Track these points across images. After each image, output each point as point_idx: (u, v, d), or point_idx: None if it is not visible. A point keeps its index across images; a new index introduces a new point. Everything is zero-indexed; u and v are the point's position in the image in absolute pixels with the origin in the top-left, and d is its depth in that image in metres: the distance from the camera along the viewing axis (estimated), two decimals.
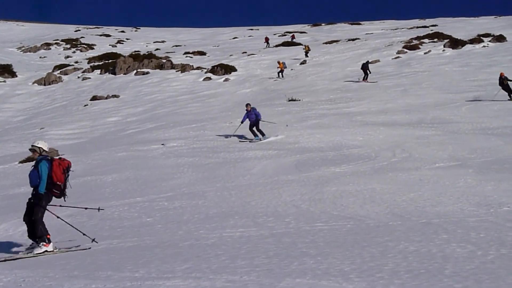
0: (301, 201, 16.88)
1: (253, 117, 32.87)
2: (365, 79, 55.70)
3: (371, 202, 16.07)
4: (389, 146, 26.98)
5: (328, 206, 15.92)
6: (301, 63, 74.36)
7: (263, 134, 32.33)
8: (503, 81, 40.10)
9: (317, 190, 18.39)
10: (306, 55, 77.71)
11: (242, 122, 33.30)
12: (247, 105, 34.03)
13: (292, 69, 70.53)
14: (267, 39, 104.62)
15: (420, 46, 75.67)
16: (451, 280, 8.69)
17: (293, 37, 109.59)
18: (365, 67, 56.61)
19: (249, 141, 31.84)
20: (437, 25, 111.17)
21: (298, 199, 17.21)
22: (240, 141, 32.29)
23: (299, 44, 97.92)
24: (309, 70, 68.85)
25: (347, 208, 15.42)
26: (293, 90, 54.03)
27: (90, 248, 13.38)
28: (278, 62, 67.36)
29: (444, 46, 72.46)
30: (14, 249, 14.12)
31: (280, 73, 65.74)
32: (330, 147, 28.07)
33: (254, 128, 32.65)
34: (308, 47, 79.41)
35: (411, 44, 77.55)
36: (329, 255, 10.47)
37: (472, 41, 72.96)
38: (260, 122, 33.01)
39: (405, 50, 73.63)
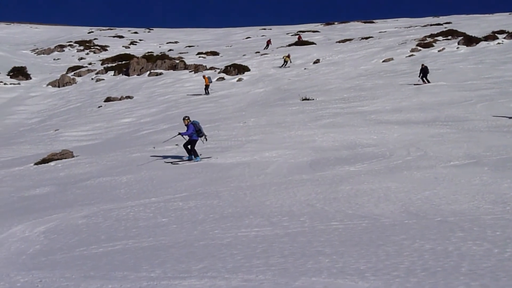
0: (315, 200, 16.85)
1: (187, 134, 28.72)
2: (425, 81, 51.55)
3: (386, 200, 16.02)
4: (404, 145, 26.90)
5: (343, 205, 15.88)
6: (314, 62, 74.30)
7: (196, 155, 28.28)
8: None
9: (332, 189, 18.35)
10: (285, 65, 76.17)
11: (179, 134, 29.49)
12: (184, 118, 29.61)
13: (305, 68, 70.53)
14: (268, 42, 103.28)
15: (434, 44, 75.48)
16: (467, 278, 8.67)
17: (299, 38, 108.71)
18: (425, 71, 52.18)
19: (172, 163, 28.05)
20: (451, 23, 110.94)
21: (312, 198, 17.18)
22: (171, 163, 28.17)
23: (312, 43, 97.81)
24: (322, 69, 68.79)
25: (362, 207, 15.38)
26: (307, 89, 54.00)
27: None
28: (203, 77, 65.03)
29: (458, 44, 72.20)
30: (31, 250, 14.14)
31: (206, 89, 63.62)
32: (344, 146, 28.02)
33: (189, 146, 28.55)
34: (289, 56, 77.14)
35: (425, 42, 77.33)
36: (344, 253, 10.45)
37: (487, 38, 72.62)
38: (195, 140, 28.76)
39: (419, 48, 73.42)
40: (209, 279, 9.49)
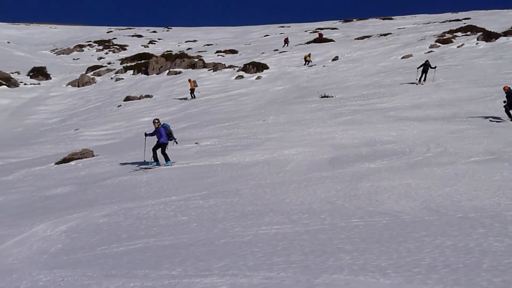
0: (336, 198, 16.84)
1: (158, 137, 27.99)
2: (422, 80, 50.18)
3: (407, 197, 15.99)
4: (424, 141, 26.83)
5: (363, 202, 15.87)
6: (333, 60, 74.17)
7: (167, 160, 27.44)
8: None
9: (352, 186, 18.33)
10: (306, 63, 75.24)
11: (145, 135, 28.95)
12: (154, 121, 28.77)
13: (324, 66, 70.39)
14: (286, 40, 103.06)
15: (453, 39, 75.07)
16: (489, 274, 8.65)
17: (320, 35, 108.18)
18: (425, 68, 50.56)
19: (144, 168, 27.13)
20: (470, 18, 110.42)
21: (332, 196, 17.18)
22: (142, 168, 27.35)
23: (331, 40, 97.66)
24: (341, 66, 68.62)
25: (382, 204, 15.36)
26: (326, 86, 53.91)
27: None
28: (189, 81, 63.83)
29: (477, 39, 71.76)
30: (52, 249, 14.21)
31: (191, 93, 62.45)
32: (363, 143, 27.97)
33: (158, 150, 27.76)
34: (309, 56, 76.45)
35: (444, 38, 76.92)
36: (365, 250, 10.45)
37: (506, 34, 72.04)
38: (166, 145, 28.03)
39: (438, 44, 73.05)
40: (230, 277, 9.51)
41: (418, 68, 50.86)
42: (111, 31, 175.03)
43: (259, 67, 73.95)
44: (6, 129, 58.45)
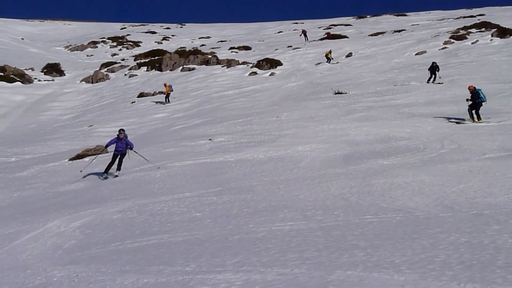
0: (349, 194, 16.82)
1: (123, 147, 27.15)
2: (431, 81, 49.25)
3: (421, 194, 15.95)
4: (438, 138, 26.76)
5: (377, 198, 15.84)
6: (347, 56, 74.00)
7: (118, 169, 26.69)
8: None
9: (366, 182, 18.31)
10: (328, 61, 73.05)
11: (106, 147, 27.78)
12: (120, 131, 27.60)
13: (337, 62, 70.26)
14: (304, 32, 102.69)
15: (467, 36, 74.73)
16: (504, 271, 8.62)
17: (328, 34, 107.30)
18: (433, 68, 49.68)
19: (102, 178, 26.24)
20: (484, 15, 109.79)
21: (346, 192, 17.16)
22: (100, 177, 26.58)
23: (345, 36, 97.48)
24: (355, 62, 68.49)
25: (396, 200, 15.33)
26: (339, 83, 53.86)
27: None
28: (164, 85, 62.93)
29: (492, 36, 71.43)
30: (66, 245, 14.26)
31: (166, 97, 61.61)
32: (377, 139, 27.92)
33: (117, 160, 26.99)
34: (330, 52, 74.16)
35: (458, 34, 76.60)
36: (379, 247, 10.43)
37: None
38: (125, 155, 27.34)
39: (452, 40, 72.74)
40: (244, 273, 9.52)
41: (428, 69, 50.03)
42: (125, 28, 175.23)
43: (273, 63, 73.85)
44: (21, 126, 58.64)
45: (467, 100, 32.50)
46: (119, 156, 26.97)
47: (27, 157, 37.11)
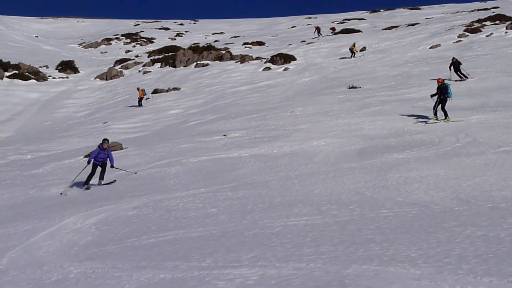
0: (364, 188, 16.81)
1: (104, 157, 25.51)
2: (463, 77, 45.90)
3: (436, 187, 15.91)
4: (452, 131, 26.66)
5: (392, 192, 15.82)
6: (361, 50, 73.80)
7: (101, 178, 25.23)
8: None
9: (381, 177, 18.28)
10: (353, 55, 71.61)
11: (89, 162, 25.43)
12: (105, 141, 25.91)
13: (351, 56, 70.11)
14: (318, 28, 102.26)
15: (481, 29, 74.32)
16: None
17: (333, 29, 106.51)
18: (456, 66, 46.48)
19: (85, 188, 24.56)
20: (498, 7, 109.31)
21: (361, 186, 17.14)
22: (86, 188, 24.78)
23: (358, 31, 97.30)
24: (369, 57, 68.32)
25: (412, 194, 15.30)
26: (353, 77, 53.72)
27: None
28: (138, 89, 61.90)
29: (506, 28, 71.00)
30: (83, 242, 14.32)
31: (139, 101, 60.65)
32: (392, 133, 27.86)
33: (98, 170, 25.48)
34: (354, 46, 72.54)
35: (472, 27, 76.20)
36: (395, 241, 10.42)
37: None
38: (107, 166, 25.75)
39: (466, 33, 72.36)
40: (260, 268, 9.53)
41: (450, 68, 46.91)
42: (138, 24, 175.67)
43: (287, 58, 73.76)
44: (36, 123, 58.88)
45: (432, 96, 32.10)
46: (99, 165, 25.39)
47: (43, 154, 37.23)
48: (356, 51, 70.81)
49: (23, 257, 13.47)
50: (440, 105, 31.02)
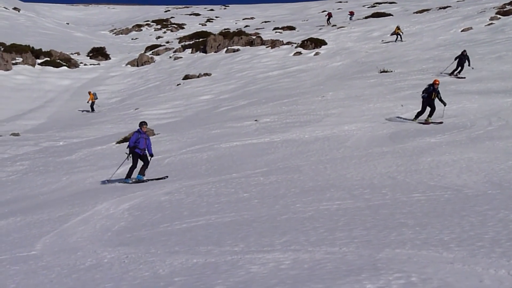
0: (396, 172, 16.77)
1: (144, 146, 22.28)
2: (456, 72, 41.88)
3: (468, 171, 15.84)
4: (485, 115, 26.50)
5: (424, 176, 15.76)
6: (392, 34, 73.36)
7: (142, 173, 22.02)
8: None
9: (413, 161, 18.23)
10: (399, 38, 68.65)
11: (129, 148, 22.36)
12: (143, 124, 22.75)
13: (382, 41, 69.71)
14: (330, 15, 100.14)
15: None
16: None
17: (351, 13, 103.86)
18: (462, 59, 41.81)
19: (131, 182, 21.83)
20: None
21: (393, 171, 17.11)
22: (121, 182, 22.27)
23: (389, 14, 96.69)
24: (400, 41, 67.94)
25: (444, 178, 15.24)
26: (385, 61, 53.46)
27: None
28: (89, 93, 59.11)
29: None
30: (116, 227, 14.42)
31: (91, 106, 58.08)
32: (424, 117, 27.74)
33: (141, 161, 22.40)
34: (398, 28, 69.53)
35: (505, 9, 75.30)
36: (427, 225, 10.39)
37: None
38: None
39: (499, 16, 71.55)
40: (293, 252, 9.55)
41: (455, 59, 42.15)
42: (169, 10, 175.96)
43: (317, 43, 73.50)
44: (68, 110, 59.27)
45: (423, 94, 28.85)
46: (140, 157, 22.35)
47: (75, 141, 37.50)
48: (402, 32, 68.95)
49: (57, 243, 13.59)
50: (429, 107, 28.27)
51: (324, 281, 7.72)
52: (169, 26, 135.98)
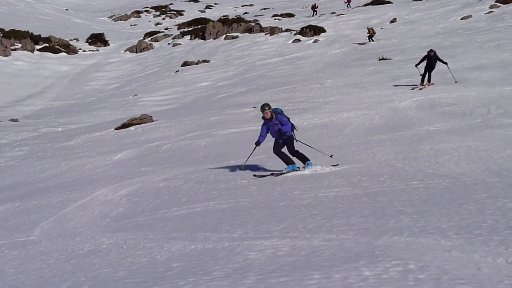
0: (395, 160, 16.76)
1: (276, 129, 17.55)
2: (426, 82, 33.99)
3: (467, 159, 15.83)
4: (484, 103, 26.46)
5: (423, 164, 15.75)
6: (391, 22, 73.25)
7: (304, 160, 17.20)
8: None
9: (411, 148, 18.22)
10: (371, 39, 63.70)
11: (258, 144, 18.19)
12: (265, 107, 17.56)
13: (381, 28, 69.55)
14: (314, 7, 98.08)
15: None
16: None
17: (348, 0, 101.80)
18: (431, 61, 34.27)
19: (274, 174, 16.98)
20: None
21: (392, 158, 17.10)
22: (255, 176, 17.31)
23: (389, 2, 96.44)
24: (399, 28, 67.87)
25: (443, 166, 15.23)
26: (384, 49, 53.39)
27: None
28: None
29: None
30: (114, 213, 14.42)
31: None
32: (423, 105, 27.72)
33: (285, 149, 17.57)
34: (373, 30, 64.79)
35: None
36: (425, 213, 10.39)
37: None
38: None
39: (498, 4, 71.28)
40: (291, 239, 9.55)
41: (417, 65, 34.80)
42: None
43: (316, 30, 73.42)
44: (66, 96, 59.30)
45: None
46: (283, 142, 17.70)
47: (73, 127, 37.54)
48: (375, 33, 63.98)
49: (55, 228, 13.62)
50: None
51: (321, 268, 7.72)
52: (168, 12, 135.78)
